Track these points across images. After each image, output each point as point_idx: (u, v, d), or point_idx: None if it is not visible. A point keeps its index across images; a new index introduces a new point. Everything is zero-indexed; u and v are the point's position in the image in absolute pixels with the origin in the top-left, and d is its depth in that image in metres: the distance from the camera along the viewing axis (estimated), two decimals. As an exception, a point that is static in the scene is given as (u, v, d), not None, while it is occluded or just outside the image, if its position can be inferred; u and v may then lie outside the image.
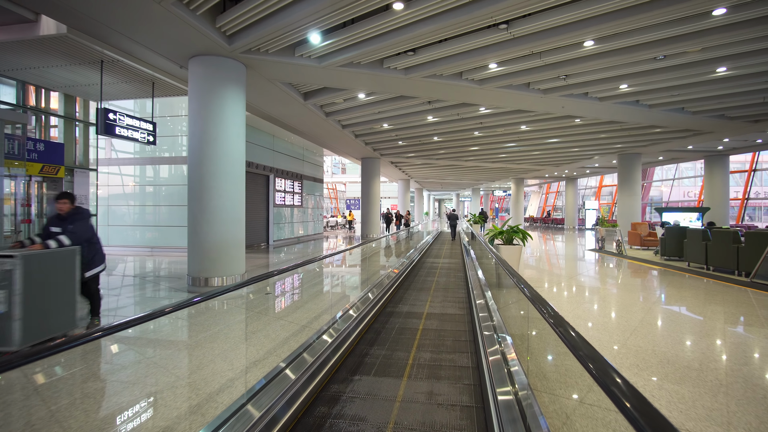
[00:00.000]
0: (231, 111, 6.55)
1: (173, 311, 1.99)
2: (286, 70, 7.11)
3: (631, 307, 5.45)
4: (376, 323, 4.62)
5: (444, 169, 23.48)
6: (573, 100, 8.84)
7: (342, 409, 2.58)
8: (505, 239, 6.80)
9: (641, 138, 13.40)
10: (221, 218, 6.40)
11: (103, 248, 4.50)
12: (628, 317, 4.88)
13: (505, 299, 4.81)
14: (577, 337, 1.41)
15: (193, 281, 6.41)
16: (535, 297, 2.15)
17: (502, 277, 5.82)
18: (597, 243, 13.52)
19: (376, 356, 3.53)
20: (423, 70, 7.08)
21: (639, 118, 10.37)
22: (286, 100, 8.88)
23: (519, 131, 12.69)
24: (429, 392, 2.84)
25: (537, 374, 2.95)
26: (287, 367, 2.69)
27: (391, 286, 6.13)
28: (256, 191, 14.71)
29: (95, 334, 1.61)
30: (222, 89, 6.46)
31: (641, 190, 17.15)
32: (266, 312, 5.24)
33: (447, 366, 3.34)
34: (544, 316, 1.78)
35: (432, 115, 10.61)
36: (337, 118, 10.93)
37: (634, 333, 4.20)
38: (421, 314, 5.01)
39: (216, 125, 6.40)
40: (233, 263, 6.58)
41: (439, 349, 3.77)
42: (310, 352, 3.00)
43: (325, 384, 2.92)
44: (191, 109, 6.49)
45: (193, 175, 6.44)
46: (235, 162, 6.63)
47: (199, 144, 6.40)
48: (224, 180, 6.44)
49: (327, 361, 3.06)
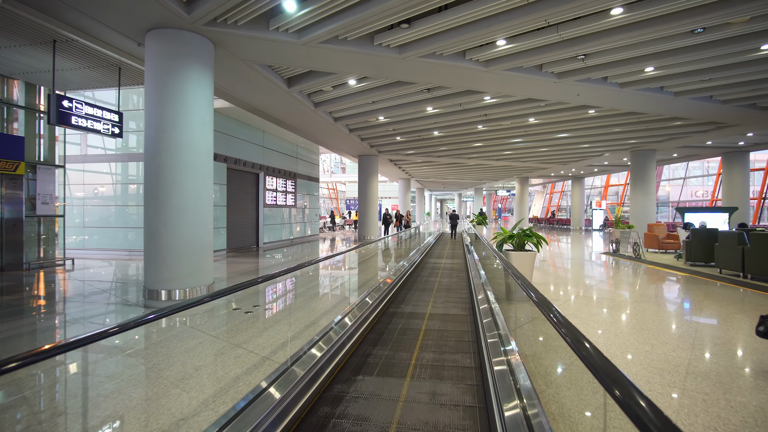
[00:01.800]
0: (195, 95, 5.60)
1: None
2: (261, 49, 6.15)
3: (673, 331, 4.46)
4: (357, 353, 3.64)
5: (445, 167, 22.49)
6: (590, 87, 7.84)
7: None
8: (516, 244, 5.81)
9: (658, 133, 12.38)
10: (182, 220, 5.44)
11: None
12: (677, 348, 3.88)
13: (527, 335, 3.84)
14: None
15: (149, 294, 5.45)
16: (575, 338, 1.23)
17: (514, 292, 4.87)
18: (610, 246, 12.50)
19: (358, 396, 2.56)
20: (420, 47, 6.10)
21: (661, 108, 9.36)
22: (267, 87, 7.92)
23: (526, 125, 11.69)
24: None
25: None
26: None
27: (379, 303, 5.16)
28: (245, 190, 13.77)
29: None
30: (183, 69, 5.50)
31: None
32: (227, 335, 4.28)
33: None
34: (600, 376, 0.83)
35: (432, 105, 9.63)
36: (327, 109, 9.96)
37: (690, 374, 3.21)
38: (418, 331, 4.04)
39: (176, 111, 5.45)
40: (198, 272, 5.62)
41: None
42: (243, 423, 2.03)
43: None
44: (147, 92, 5.53)
45: (149, 170, 5.48)
46: (200, 154, 5.67)
47: (155, 133, 5.44)
48: (186, 175, 5.48)
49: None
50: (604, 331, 4.39)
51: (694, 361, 3.44)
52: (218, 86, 7.80)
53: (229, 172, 12.56)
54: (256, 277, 2.96)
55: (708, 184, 32.91)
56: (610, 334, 4.27)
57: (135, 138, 11.87)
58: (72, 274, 8.22)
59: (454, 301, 5.69)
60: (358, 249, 10.69)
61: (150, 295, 5.44)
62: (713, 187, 23.99)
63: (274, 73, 7.50)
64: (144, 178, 5.56)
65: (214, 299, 2.39)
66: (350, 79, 7.83)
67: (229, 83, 7.70)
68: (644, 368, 3.31)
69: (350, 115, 10.76)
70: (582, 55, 6.57)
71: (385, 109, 10.05)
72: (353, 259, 10.98)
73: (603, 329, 4.45)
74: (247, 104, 9.40)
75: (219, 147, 11.78)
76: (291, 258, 11.82)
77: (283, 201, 15.99)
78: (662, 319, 4.86)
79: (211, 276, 5.92)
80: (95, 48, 6.51)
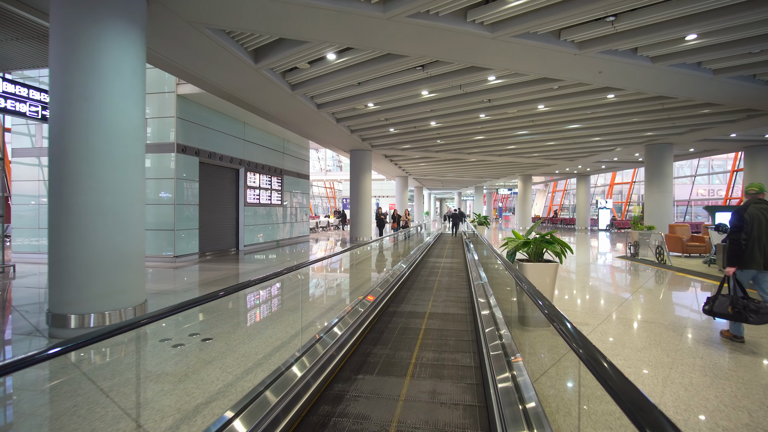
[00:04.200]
0: (115, 58, 4.29)
1: None
2: (206, 4, 4.86)
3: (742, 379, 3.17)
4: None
5: (444, 164, 21.18)
6: (616, 62, 6.54)
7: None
8: (532, 253, 4.51)
9: (681, 123, 11.08)
10: (94, 223, 4.13)
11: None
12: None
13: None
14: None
15: (54, 320, 4.14)
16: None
17: (541, 324, 3.64)
18: (627, 248, 11.21)
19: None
20: (409, 1, 4.80)
21: (693, 91, 8.05)
22: (229, 61, 6.62)
23: (535, 113, 10.39)
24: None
25: None
26: None
27: (353, 334, 3.88)
28: (223, 188, 12.46)
29: None
30: (97, 22, 4.19)
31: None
32: (125, 387, 2.98)
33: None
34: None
35: (427, 88, 8.33)
36: (307, 92, 8.65)
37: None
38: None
39: (86, 77, 4.14)
40: (120, 290, 4.31)
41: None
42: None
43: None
44: (52, 54, 4.22)
45: (53, 156, 4.17)
46: (123, 137, 4.36)
47: (59, 108, 4.13)
48: (100, 164, 4.17)
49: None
50: (680, 390, 3.10)
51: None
52: (169, 60, 6.49)
53: (203, 168, 11.25)
54: (200, 297, 2.17)
55: (715, 182, 31.64)
56: (689, 392, 2.98)
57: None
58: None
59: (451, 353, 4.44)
60: (342, 254, 9.40)
61: (55, 321, 4.12)
62: (727, 185, 22.68)
63: (234, 42, 6.20)
64: (49, 167, 4.26)
65: (116, 334, 1.59)
66: (328, 51, 6.53)
67: (180, 55, 6.38)
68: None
69: (335, 101, 9.45)
70: (612, 16, 5.27)
71: (374, 93, 8.74)
72: (338, 266, 9.70)
73: (673, 386, 3.16)
74: (214, 87, 8.09)
75: (189, 139, 10.48)
76: (271, 263, 10.52)
77: (268, 199, 14.68)
78: (756, 363, 3.56)
79: (141, 294, 4.62)
80: (8, 8, 5.21)
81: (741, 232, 3.84)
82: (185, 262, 10.12)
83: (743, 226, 3.84)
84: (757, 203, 3.94)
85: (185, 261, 10.17)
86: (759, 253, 3.78)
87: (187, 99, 10.41)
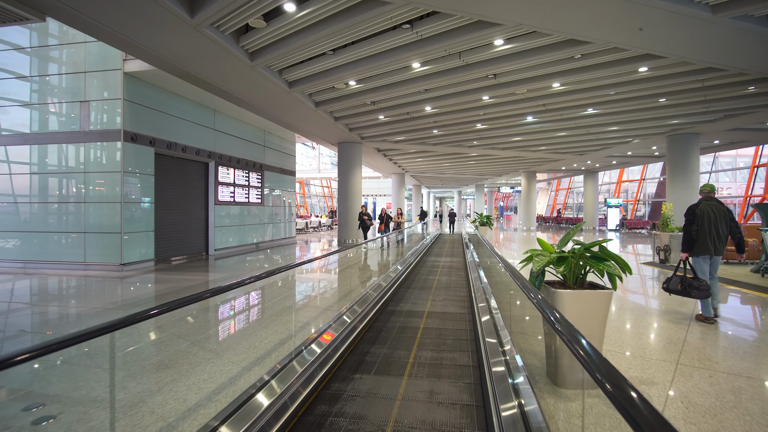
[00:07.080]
0: None
1: None
2: None
3: None
4: None
5: (443, 159, 19.59)
6: (664, 11, 4.94)
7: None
8: (570, 275, 2.92)
9: (717, 107, 9.48)
10: None
11: None
12: None
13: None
14: None
15: None
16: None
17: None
18: (657, 254, 9.63)
19: None
20: None
21: (753, 59, 6.44)
22: (163, 16, 5.02)
23: (548, 93, 8.81)
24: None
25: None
26: None
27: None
28: (188, 184, 10.87)
29: None
30: None
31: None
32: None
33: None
34: None
35: (419, 58, 6.74)
36: (271, 63, 7.07)
37: None
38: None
39: None
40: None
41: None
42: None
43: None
44: None
45: None
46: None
47: None
48: None
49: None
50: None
51: None
52: (91, 20, 4.90)
53: (161, 159, 9.67)
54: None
55: (724, 179, 29.97)
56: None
57: (56, 111, 9.03)
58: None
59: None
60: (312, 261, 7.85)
61: None
62: (748, 179, 21.04)
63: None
64: None
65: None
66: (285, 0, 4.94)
67: (99, 11, 4.79)
68: None
69: (308, 77, 7.85)
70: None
71: (354, 65, 7.14)
72: (307, 278, 8.15)
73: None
74: (156, 57, 6.49)
75: (141, 125, 8.91)
76: (242, 270, 8.95)
77: (245, 197, 13.10)
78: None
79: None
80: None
81: (693, 225, 4.48)
82: (135, 270, 8.55)
83: (694, 220, 4.49)
84: (707, 200, 4.57)
85: (135, 269, 8.59)
86: (710, 242, 4.41)
87: (138, 79, 8.83)
